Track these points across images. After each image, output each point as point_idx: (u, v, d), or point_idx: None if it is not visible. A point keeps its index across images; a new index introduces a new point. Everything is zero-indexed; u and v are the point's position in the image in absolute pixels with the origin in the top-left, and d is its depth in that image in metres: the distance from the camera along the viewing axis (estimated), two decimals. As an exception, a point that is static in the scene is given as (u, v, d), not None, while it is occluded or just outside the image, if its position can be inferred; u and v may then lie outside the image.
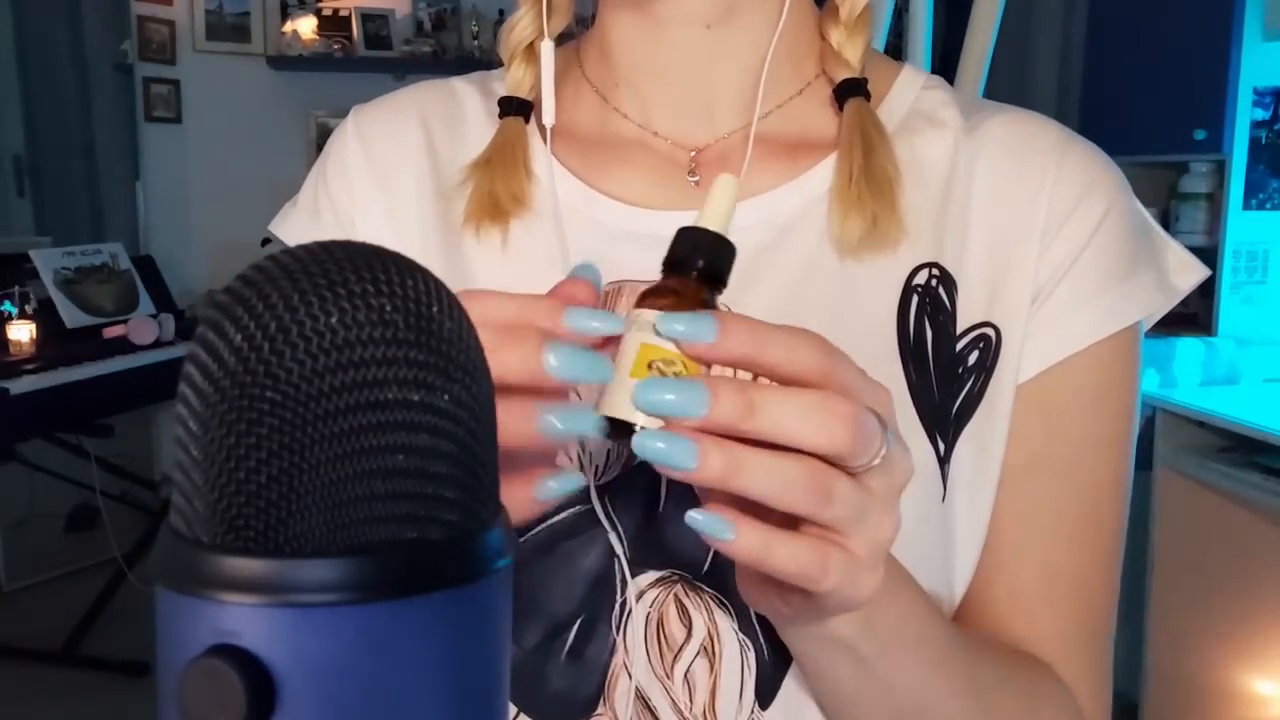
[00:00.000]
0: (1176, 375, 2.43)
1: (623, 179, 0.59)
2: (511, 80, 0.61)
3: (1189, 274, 0.59)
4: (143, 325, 3.05)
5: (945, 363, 0.55)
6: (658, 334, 0.37)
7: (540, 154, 0.60)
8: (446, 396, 0.24)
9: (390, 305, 0.24)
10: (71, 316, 3.01)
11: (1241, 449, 2.19)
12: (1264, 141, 2.51)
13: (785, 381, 0.36)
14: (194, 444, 0.23)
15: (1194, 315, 2.75)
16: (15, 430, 2.66)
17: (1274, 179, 2.52)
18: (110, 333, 3.05)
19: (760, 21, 0.57)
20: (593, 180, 0.59)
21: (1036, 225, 0.55)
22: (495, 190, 0.58)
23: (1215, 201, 2.62)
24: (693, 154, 0.58)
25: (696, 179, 0.58)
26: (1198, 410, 2.24)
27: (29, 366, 2.67)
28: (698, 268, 0.40)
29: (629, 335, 0.38)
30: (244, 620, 0.22)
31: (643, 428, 0.36)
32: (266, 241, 3.50)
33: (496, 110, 0.62)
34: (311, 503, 0.23)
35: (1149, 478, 2.35)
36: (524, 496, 0.39)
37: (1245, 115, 2.49)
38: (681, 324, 0.36)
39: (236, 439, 0.23)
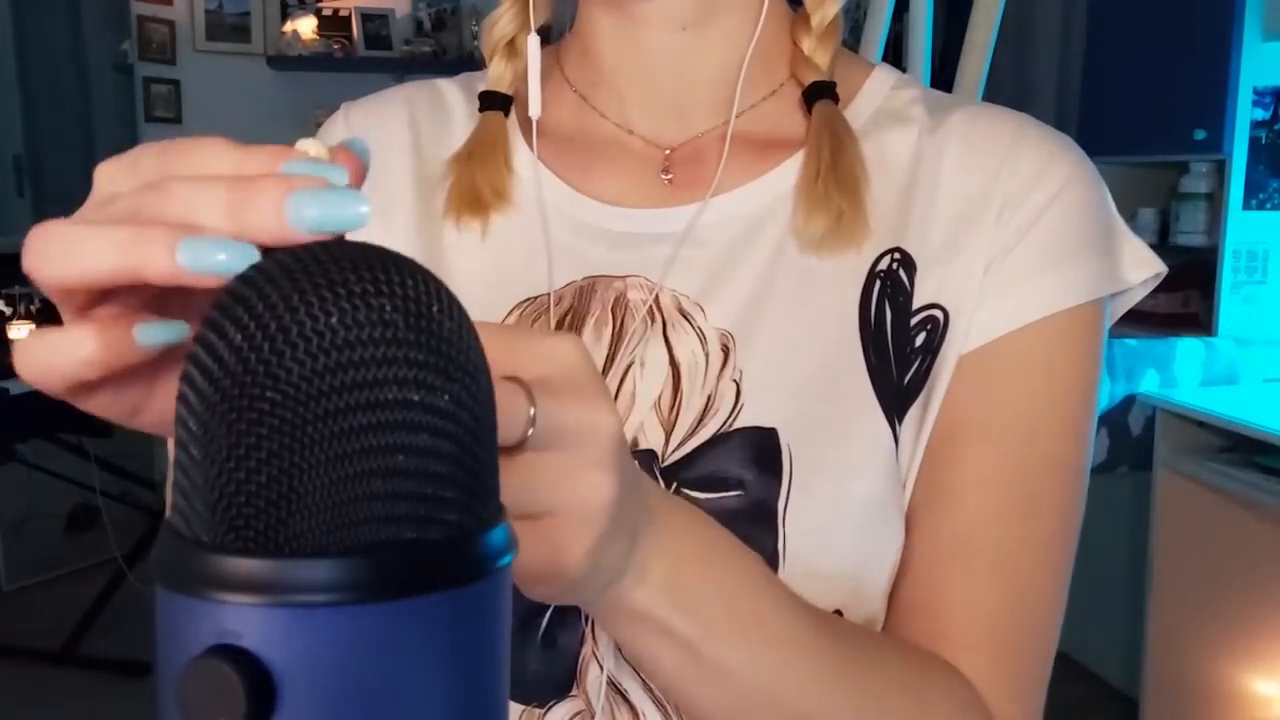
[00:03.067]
0: (1176, 375, 2.43)
1: (599, 177, 0.60)
2: (493, 75, 0.62)
3: (1144, 269, 0.58)
4: (143, 325, 3.04)
5: (900, 344, 0.56)
6: None
7: (521, 149, 0.61)
8: (446, 396, 0.24)
9: (390, 305, 0.24)
10: (71, 316, 3.01)
11: (1241, 449, 2.19)
12: (1264, 141, 2.51)
13: None
14: (194, 444, 0.23)
15: (1194, 315, 2.75)
16: (15, 430, 2.66)
17: (1274, 179, 2.52)
18: (110, 333, 3.04)
19: (735, 25, 0.59)
20: (570, 178, 0.60)
21: (993, 207, 0.56)
22: (476, 183, 0.59)
23: (1215, 201, 2.62)
24: (667, 152, 0.60)
25: (669, 177, 0.59)
26: (1198, 410, 2.24)
27: (29, 366, 2.67)
28: None
29: None
30: (244, 620, 0.22)
31: None
32: (266, 241, 3.50)
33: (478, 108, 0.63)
34: (311, 502, 0.23)
35: (1149, 478, 2.35)
36: (120, 334, 0.31)
37: (1245, 115, 2.49)
38: None
39: (236, 439, 0.23)
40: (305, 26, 4.06)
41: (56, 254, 0.30)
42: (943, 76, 1.29)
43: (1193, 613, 2.30)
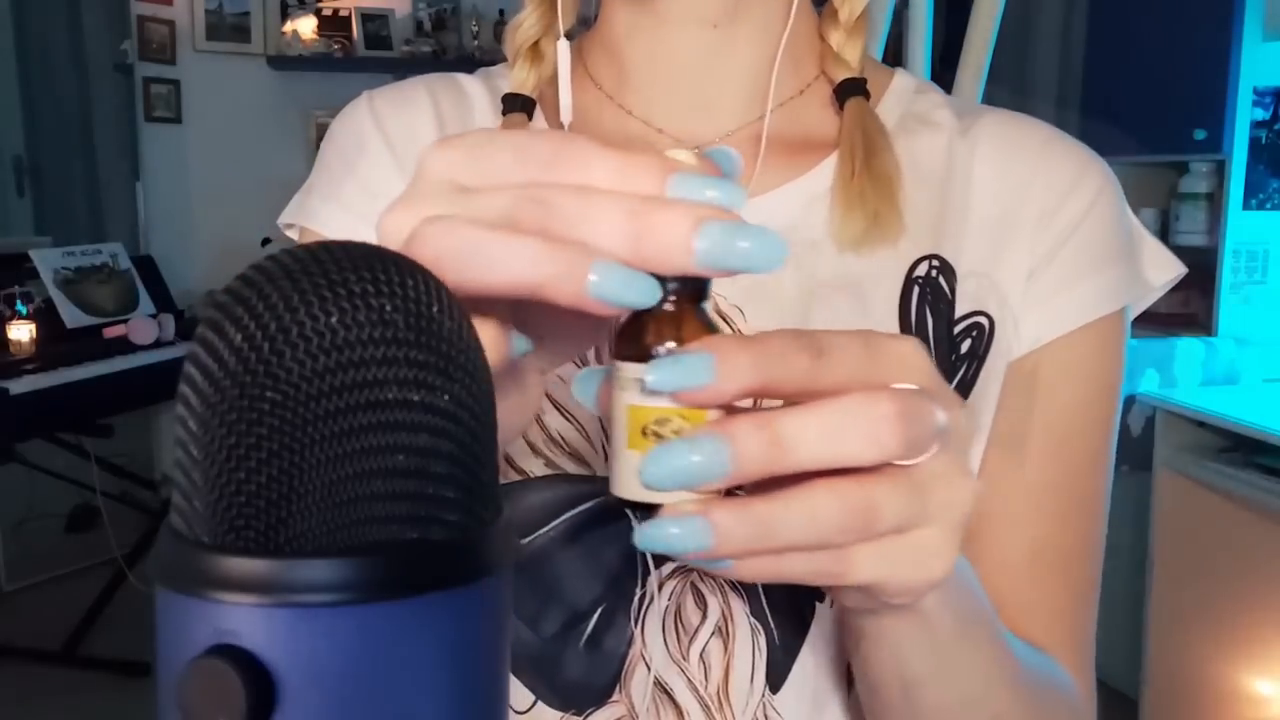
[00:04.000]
0: (1176, 375, 2.43)
1: None
2: (515, 79, 0.61)
3: (1166, 271, 0.60)
4: (143, 325, 3.05)
5: (944, 350, 0.56)
6: (644, 391, 0.30)
7: None
8: (447, 396, 0.24)
9: (390, 305, 0.24)
10: (71, 316, 3.01)
11: (1241, 449, 2.19)
12: (1264, 141, 2.51)
13: (802, 395, 0.31)
14: (194, 444, 0.23)
15: (1194, 315, 2.75)
16: (15, 430, 2.66)
17: (1274, 179, 2.52)
18: (110, 333, 3.05)
19: (764, 22, 0.58)
20: None
21: (1030, 214, 0.57)
22: None
23: (1215, 201, 2.62)
24: (696, 151, 0.58)
25: None
26: (1198, 410, 2.24)
27: (29, 366, 2.67)
28: (669, 289, 0.31)
29: (615, 397, 0.32)
30: (244, 620, 0.22)
31: (662, 507, 0.30)
32: (267, 241, 3.50)
33: (501, 107, 0.62)
34: (311, 503, 0.23)
35: (1149, 478, 2.35)
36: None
37: (1245, 115, 2.49)
38: (666, 373, 0.29)
39: (237, 439, 0.23)
40: (305, 26, 4.06)
41: (457, 254, 0.29)
42: (943, 76, 1.29)
43: (1193, 613, 2.30)
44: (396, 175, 0.61)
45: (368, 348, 0.23)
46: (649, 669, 0.54)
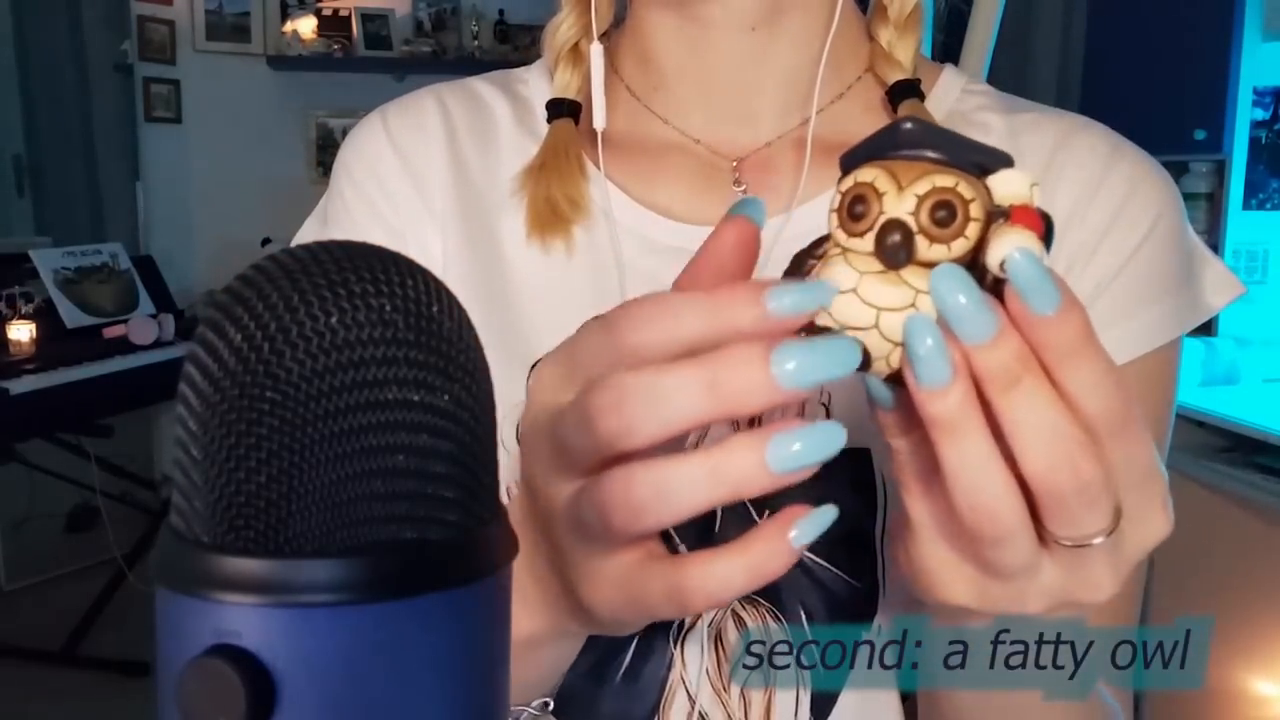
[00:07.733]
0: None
1: (666, 189, 0.57)
2: (559, 83, 0.58)
3: (1225, 292, 0.58)
4: (143, 325, 3.04)
5: None
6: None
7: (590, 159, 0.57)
8: (446, 396, 0.24)
9: (390, 305, 0.24)
10: (71, 316, 3.01)
11: (1241, 449, 2.19)
12: (1264, 141, 2.51)
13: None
14: (194, 444, 0.23)
15: (1194, 315, 2.74)
16: (15, 430, 2.66)
17: (1274, 179, 2.52)
18: (110, 333, 3.04)
19: (805, 23, 0.56)
20: (635, 190, 0.57)
21: (1080, 237, 0.54)
22: (553, 196, 0.56)
23: (1215, 201, 2.62)
24: (734, 163, 0.57)
25: (743, 188, 0.56)
26: (1198, 410, 2.24)
27: (29, 366, 2.67)
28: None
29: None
30: (244, 620, 0.22)
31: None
32: (267, 241, 3.50)
33: (527, 116, 0.60)
34: (311, 503, 0.23)
35: (1149, 478, 2.34)
36: (766, 552, 0.31)
37: (1245, 115, 2.49)
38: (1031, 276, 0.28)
39: (236, 439, 0.23)
40: (305, 26, 4.06)
41: (642, 401, 0.29)
42: (943, 76, 1.29)
43: (1192, 613, 2.29)
44: (415, 200, 0.59)
45: (368, 348, 0.23)
46: (689, 695, 0.53)
